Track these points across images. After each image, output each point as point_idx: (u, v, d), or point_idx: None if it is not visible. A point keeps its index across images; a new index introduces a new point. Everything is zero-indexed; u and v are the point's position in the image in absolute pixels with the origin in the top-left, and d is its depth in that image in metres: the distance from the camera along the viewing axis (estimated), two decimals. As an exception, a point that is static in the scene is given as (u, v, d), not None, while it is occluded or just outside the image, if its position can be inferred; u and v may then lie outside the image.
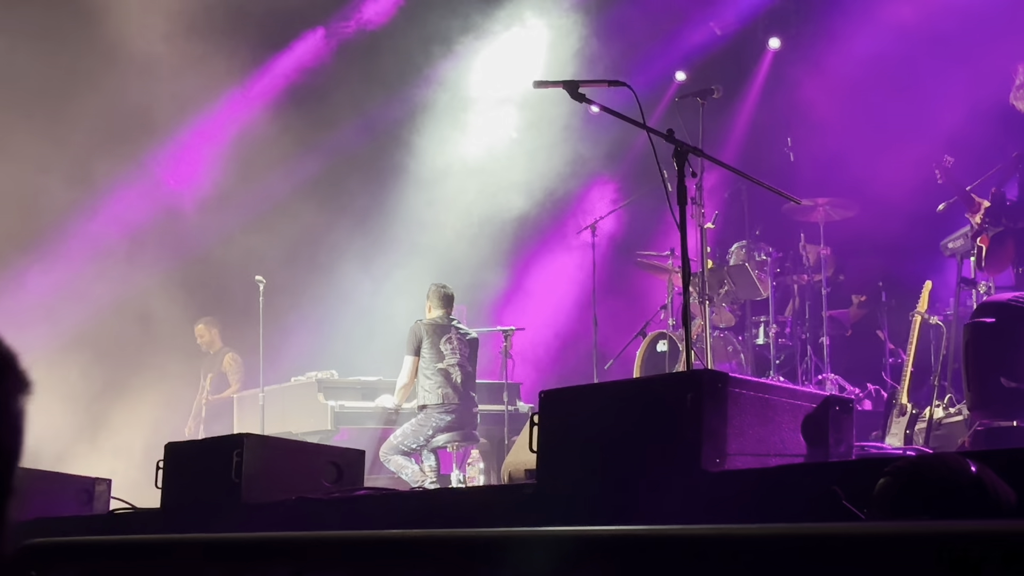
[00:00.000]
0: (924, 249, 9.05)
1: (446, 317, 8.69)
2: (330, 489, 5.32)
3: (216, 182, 11.52)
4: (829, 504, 2.72)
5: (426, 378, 8.49)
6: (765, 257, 9.35)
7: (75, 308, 10.93)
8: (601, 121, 10.76)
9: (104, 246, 11.12)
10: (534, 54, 11.59)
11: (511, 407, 9.44)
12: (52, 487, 6.36)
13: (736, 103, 11.49)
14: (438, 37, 11.59)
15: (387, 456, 8.49)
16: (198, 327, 11.04)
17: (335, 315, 11.46)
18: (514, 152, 11.82)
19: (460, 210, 11.67)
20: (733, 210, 10.38)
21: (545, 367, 11.42)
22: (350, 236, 11.57)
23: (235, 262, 10.77)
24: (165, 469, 5.63)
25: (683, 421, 3.67)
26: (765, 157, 10.51)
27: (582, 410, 4.11)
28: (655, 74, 11.46)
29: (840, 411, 4.12)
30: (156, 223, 11.37)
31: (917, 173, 9.21)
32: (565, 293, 11.86)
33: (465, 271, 11.02)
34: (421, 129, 11.78)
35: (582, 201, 11.97)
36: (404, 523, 4.51)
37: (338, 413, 9.19)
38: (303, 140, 11.64)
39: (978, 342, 5.59)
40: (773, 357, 9.06)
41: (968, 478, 2.37)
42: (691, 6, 11.49)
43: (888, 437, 7.64)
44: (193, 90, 11.17)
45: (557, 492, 4.00)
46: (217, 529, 4.59)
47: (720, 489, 3.52)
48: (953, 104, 9.11)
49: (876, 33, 10.00)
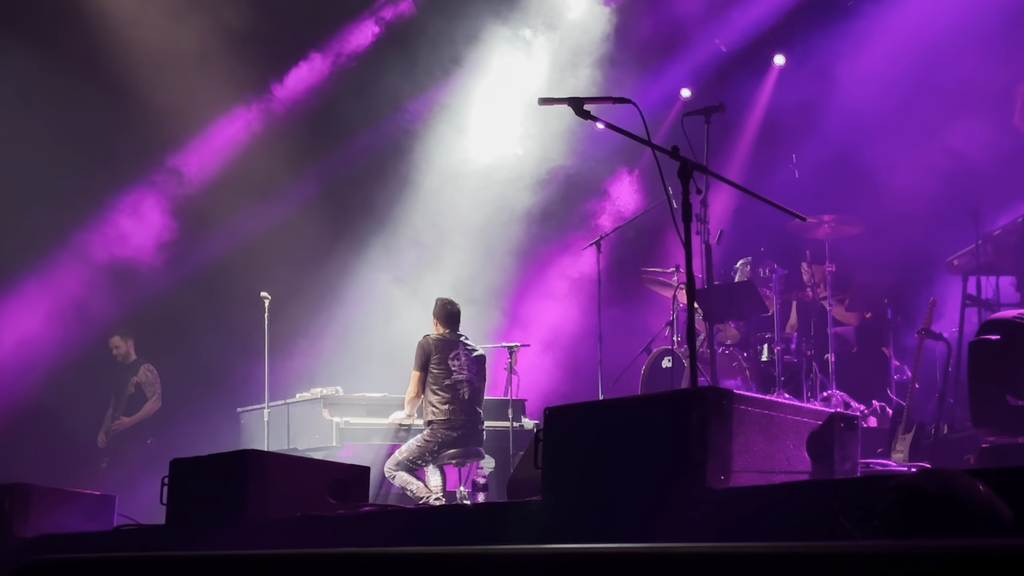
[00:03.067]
0: (930, 266, 9.05)
1: (454, 333, 8.67)
2: (335, 506, 5.32)
3: (221, 198, 11.56)
4: (830, 521, 2.71)
5: (433, 394, 8.46)
6: (770, 274, 9.35)
7: (79, 319, 10.99)
8: (607, 137, 10.78)
9: (107, 262, 11.16)
10: (538, 71, 11.61)
11: (516, 424, 9.43)
12: (57, 504, 6.37)
13: (741, 120, 11.51)
14: (443, 54, 11.63)
15: (392, 472, 8.47)
16: (113, 339, 11.10)
17: (340, 331, 11.46)
18: (518, 169, 11.83)
19: (465, 226, 11.68)
20: (738, 227, 10.38)
21: (550, 384, 11.41)
22: (354, 252, 11.59)
23: (240, 278, 10.78)
24: (170, 486, 5.63)
25: (688, 438, 3.67)
26: (770, 174, 10.51)
27: (587, 427, 4.11)
28: (660, 91, 11.49)
29: (845, 428, 4.12)
30: (160, 239, 11.41)
31: (923, 190, 9.22)
32: (570, 309, 11.85)
33: (470, 286, 11.02)
34: (425, 146, 11.81)
35: (587, 217, 11.98)
36: (409, 540, 4.51)
37: (343, 429, 9.17)
38: (308, 156, 11.69)
39: (983, 359, 5.58)
40: (778, 374, 9.04)
41: (971, 496, 2.37)
42: (696, 23, 11.51)
43: (893, 454, 7.62)
44: (197, 107, 11.24)
45: (562, 509, 4.00)
46: (223, 546, 4.59)
47: (725, 506, 3.51)
48: (960, 123, 9.11)
49: (881, 50, 10.02)
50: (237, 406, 10.25)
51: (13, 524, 6.13)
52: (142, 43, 10.87)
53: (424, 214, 11.75)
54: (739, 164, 11.45)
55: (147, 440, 10.82)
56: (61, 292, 10.99)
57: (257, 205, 11.47)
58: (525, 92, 11.20)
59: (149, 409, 10.94)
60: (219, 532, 5.09)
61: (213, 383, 10.91)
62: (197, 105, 11.28)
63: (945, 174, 9.06)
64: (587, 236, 10.84)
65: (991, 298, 8.02)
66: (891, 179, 9.57)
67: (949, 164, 9.08)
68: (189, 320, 11.18)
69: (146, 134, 11.17)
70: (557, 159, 11.77)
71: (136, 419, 10.89)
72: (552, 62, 11.61)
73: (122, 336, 11.13)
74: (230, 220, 11.45)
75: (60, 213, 10.82)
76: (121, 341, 11.12)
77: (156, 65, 10.89)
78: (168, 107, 11.05)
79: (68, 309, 11.08)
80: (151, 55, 10.88)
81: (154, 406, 10.97)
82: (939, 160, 9.16)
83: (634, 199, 11.86)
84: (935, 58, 9.37)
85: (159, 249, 11.45)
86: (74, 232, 11.07)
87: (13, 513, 6.16)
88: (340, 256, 11.58)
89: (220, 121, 11.60)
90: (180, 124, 11.32)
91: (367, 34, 11.97)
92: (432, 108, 11.88)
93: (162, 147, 11.43)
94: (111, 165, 11.02)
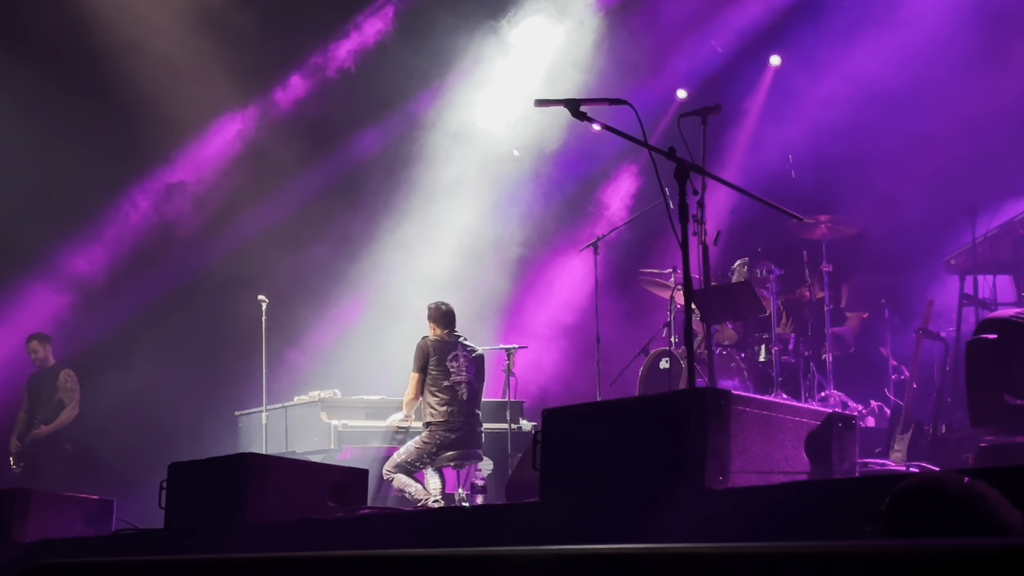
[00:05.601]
0: (927, 266, 9.06)
1: (451, 334, 8.66)
2: (334, 509, 5.32)
3: (218, 202, 11.57)
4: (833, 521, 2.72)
5: (432, 396, 8.44)
6: (767, 274, 9.35)
7: (78, 326, 11.00)
8: (604, 138, 10.79)
9: (105, 267, 11.17)
10: (535, 73, 11.61)
11: (514, 425, 9.43)
12: (57, 508, 6.37)
13: (738, 120, 11.52)
14: (437, 58, 11.63)
15: (390, 474, 8.45)
16: (31, 343, 10.65)
17: (338, 334, 11.46)
18: (514, 171, 11.84)
19: (461, 228, 11.69)
20: (735, 228, 10.38)
21: (548, 386, 11.41)
22: (351, 255, 11.59)
23: (238, 281, 10.78)
24: (168, 489, 5.63)
25: (686, 439, 3.67)
26: (767, 174, 10.52)
27: (585, 428, 4.11)
28: (657, 92, 11.49)
29: (843, 428, 4.13)
30: (158, 243, 11.42)
31: (920, 190, 9.23)
32: (567, 311, 11.86)
33: (467, 289, 11.02)
34: (421, 149, 11.81)
35: (585, 219, 11.99)
36: (408, 542, 4.51)
37: (341, 432, 9.17)
38: (305, 160, 11.70)
39: (981, 359, 5.58)
40: (776, 374, 9.04)
41: (977, 498, 2.37)
42: (692, 24, 11.51)
43: (892, 454, 7.63)
44: (194, 112, 11.26)
45: (560, 510, 4.00)
46: (222, 549, 4.59)
47: (724, 507, 3.51)
48: (954, 120, 9.12)
49: (876, 50, 10.03)
50: (235, 409, 10.25)
51: (13, 529, 6.12)
52: (141, 47, 10.89)
53: (420, 217, 11.75)
54: (736, 164, 11.46)
55: (65, 446, 10.47)
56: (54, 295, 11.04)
57: (254, 208, 11.48)
58: (521, 94, 11.20)
59: (67, 416, 10.47)
60: (218, 536, 5.09)
61: (211, 387, 10.91)
62: (194, 110, 11.29)
63: (941, 173, 9.07)
64: (584, 238, 10.85)
65: (988, 297, 8.02)
66: (888, 178, 9.59)
67: (945, 162, 9.09)
68: (187, 324, 11.16)
69: (145, 136, 11.18)
70: (553, 161, 11.78)
71: (54, 427, 10.43)
72: (548, 64, 11.61)
73: (40, 340, 10.68)
74: (227, 224, 11.46)
75: (58, 213, 10.85)
76: (39, 345, 10.66)
77: (154, 69, 10.90)
78: (166, 112, 11.05)
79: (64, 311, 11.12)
80: (149, 60, 10.90)
81: (71, 413, 10.49)
82: (935, 158, 9.17)
83: (631, 201, 11.86)
84: (930, 56, 9.38)
85: (157, 252, 11.45)
86: (72, 233, 11.09)
87: (13, 518, 6.16)
88: (336, 259, 11.58)
89: (217, 125, 11.61)
90: (177, 128, 11.33)
91: (366, 36, 11.96)
92: (428, 112, 11.88)
93: (160, 150, 11.44)
94: (111, 165, 11.02)
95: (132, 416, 10.70)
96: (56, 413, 10.49)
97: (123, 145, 11.06)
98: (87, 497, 6.67)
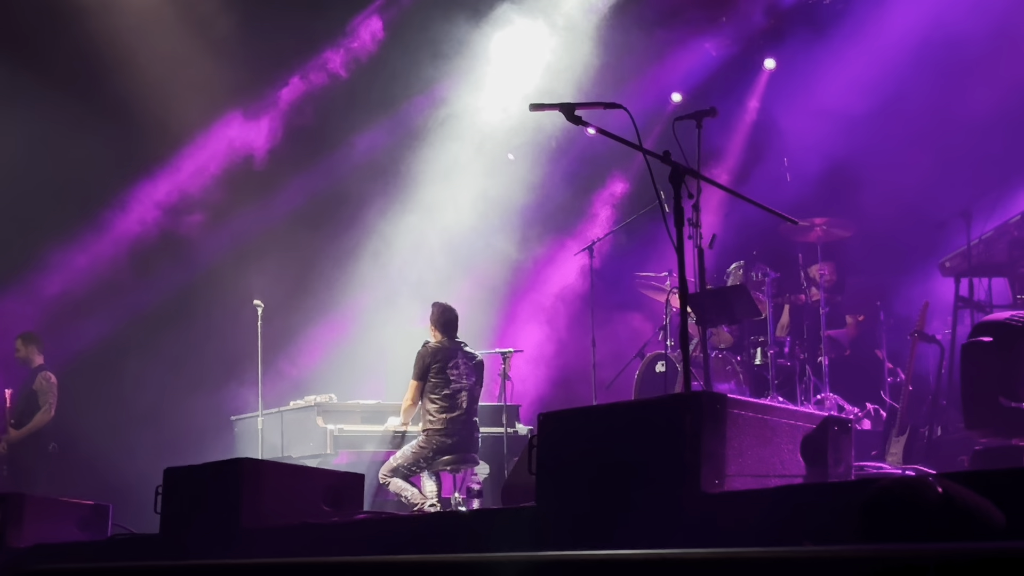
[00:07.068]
0: (922, 268, 9.06)
1: (452, 340, 8.63)
2: (330, 513, 5.31)
3: (212, 207, 11.57)
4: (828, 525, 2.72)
5: (431, 402, 8.42)
6: (763, 277, 9.36)
7: (75, 329, 10.99)
8: (598, 142, 10.80)
9: (103, 269, 11.16)
10: (529, 77, 11.61)
11: (510, 429, 9.42)
12: (52, 513, 6.35)
13: (732, 124, 11.53)
14: (431, 63, 11.64)
15: (386, 478, 8.44)
16: (16, 342, 10.49)
17: (333, 339, 11.45)
18: (510, 174, 11.84)
19: (457, 232, 11.69)
20: (730, 231, 10.40)
21: (544, 389, 11.41)
22: (347, 260, 11.59)
23: (233, 286, 10.77)
24: (164, 495, 5.62)
25: (682, 443, 3.67)
26: (761, 177, 10.53)
27: (581, 432, 4.11)
28: (651, 96, 11.50)
29: (839, 431, 4.13)
30: (153, 248, 11.41)
31: (914, 192, 9.24)
32: (563, 315, 11.86)
33: (463, 292, 11.02)
34: (416, 153, 11.81)
35: (580, 222, 12.00)
36: (404, 547, 4.51)
37: (337, 437, 9.15)
38: (300, 164, 11.70)
39: (976, 361, 5.58)
40: (772, 377, 9.05)
41: (935, 500, 2.36)
42: (686, 27, 11.53)
43: (887, 457, 7.63)
44: (187, 117, 11.27)
45: (556, 514, 4.00)
46: (217, 555, 4.58)
47: (720, 510, 3.51)
48: (948, 123, 9.14)
49: (869, 53, 10.04)
50: (231, 414, 10.24)
51: (8, 534, 6.11)
52: (135, 53, 10.90)
53: (417, 220, 11.75)
54: (731, 168, 11.48)
55: (49, 446, 10.32)
56: (57, 295, 11.04)
57: (249, 213, 11.47)
58: (517, 96, 11.22)
59: (39, 420, 10.25)
60: (213, 541, 5.07)
61: (207, 391, 10.89)
62: (189, 115, 11.29)
63: (937, 175, 9.08)
64: (579, 242, 10.85)
65: (983, 300, 8.03)
66: (883, 181, 9.60)
67: (940, 165, 9.11)
68: (183, 328, 11.15)
69: (140, 142, 11.18)
70: (549, 165, 11.78)
71: (26, 431, 10.26)
72: (542, 68, 11.61)
73: (24, 339, 10.49)
74: (223, 228, 11.45)
75: (53, 217, 10.85)
76: (22, 344, 10.47)
77: (148, 74, 10.91)
78: (161, 117, 11.06)
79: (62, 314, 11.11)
80: (144, 66, 10.90)
81: (44, 417, 10.27)
82: (930, 161, 9.18)
83: (626, 204, 11.87)
84: (924, 60, 9.40)
85: (152, 257, 11.44)
86: (67, 237, 11.09)
87: (7, 523, 6.14)
88: (332, 263, 11.58)
89: (212, 130, 11.60)
90: (173, 134, 11.33)
91: (362, 40, 11.97)
92: (422, 116, 11.88)
93: (156, 155, 11.43)
94: (107, 171, 11.01)
95: (127, 421, 10.68)
96: (30, 416, 10.31)
97: (119, 151, 11.04)
98: (82, 502, 6.65)
